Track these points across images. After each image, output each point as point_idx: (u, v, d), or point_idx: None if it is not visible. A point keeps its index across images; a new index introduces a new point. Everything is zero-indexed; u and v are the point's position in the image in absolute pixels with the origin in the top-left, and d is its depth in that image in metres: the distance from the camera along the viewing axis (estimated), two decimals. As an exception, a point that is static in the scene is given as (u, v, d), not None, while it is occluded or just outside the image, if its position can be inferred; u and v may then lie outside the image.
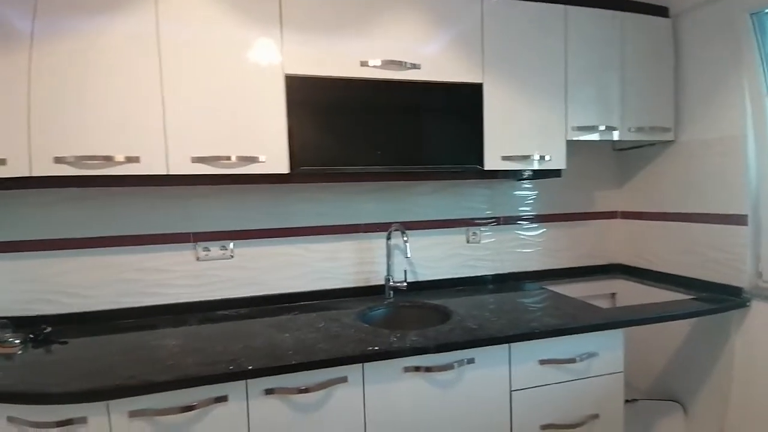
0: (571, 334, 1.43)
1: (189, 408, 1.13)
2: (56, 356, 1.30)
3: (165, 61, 1.36)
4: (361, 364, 1.27)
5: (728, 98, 1.71)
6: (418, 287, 1.91)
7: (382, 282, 1.85)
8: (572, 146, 1.80)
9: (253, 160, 1.43)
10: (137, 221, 1.64)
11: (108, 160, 1.31)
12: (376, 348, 1.28)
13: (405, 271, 1.85)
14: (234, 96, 1.42)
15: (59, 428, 1.07)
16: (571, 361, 1.45)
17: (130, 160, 1.33)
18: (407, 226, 1.82)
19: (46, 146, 1.27)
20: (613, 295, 2.19)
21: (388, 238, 1.83)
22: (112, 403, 1.09)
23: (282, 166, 1.46)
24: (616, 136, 1.86)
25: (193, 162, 1.38)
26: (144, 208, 1.64)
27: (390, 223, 1.83)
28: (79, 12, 1.30)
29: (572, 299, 1.77)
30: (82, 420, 1.08)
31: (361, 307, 1.70)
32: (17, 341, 1.35)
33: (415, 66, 1.57)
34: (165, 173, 1.36)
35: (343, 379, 1.26)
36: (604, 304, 2.07)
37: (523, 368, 1.42)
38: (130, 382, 1.10)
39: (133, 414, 1.11)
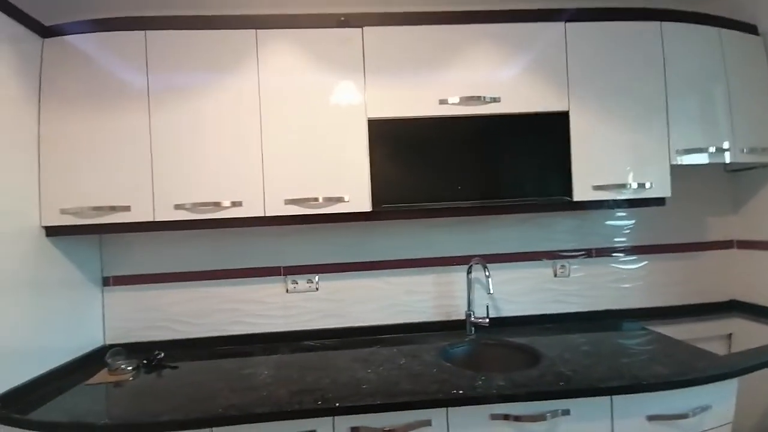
0: (689, 386, 1.26)
1: (281, 441, 1.19)
2: (166, 381, 1.45)
3: (264, 112, 1.51)
4: (445, 408, 1.24)
5: None
6: (501, 323, 1.83)
7: (463, 317, 1.80)
8: (676, 169, 1.63)
9: (338, 200, 1.51)
10: (235, 256, 1.80)
11: (217, 205, 1.47)
12: (461, 392, 1.24)
13: (487, 307, 1.78)
14: (321, 141, 1.52)
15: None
16: (683, 416, 1.28)
17: (235, 204, 1.48)
18: (489, 259, 1.77)
19: (167, 194, 1.47)
20: (729, 336, 1.90)
21: (469, 272, 1.79)
22: (215, 430, 1.18)
23: (365, 205, 1.52)
24: (727, 158, 1.65)
25: (285, 204, 1.50)
26: (241, 244, 1.80)
27: (471, 257, 1.79)
28: (188, 69, 1.49)
29: (682, 343, 1.57)
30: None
31: (442, 343, 1.67)
32: (129, 368, 1.51)
33: (495, 99, 1.55)
34: (262, 215, 1.49)
35: (427, 422, 1.23)
36: (716, 346, 1.82)
37: (629, 424, 1.27)
38: (232, 412, 1.19)
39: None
